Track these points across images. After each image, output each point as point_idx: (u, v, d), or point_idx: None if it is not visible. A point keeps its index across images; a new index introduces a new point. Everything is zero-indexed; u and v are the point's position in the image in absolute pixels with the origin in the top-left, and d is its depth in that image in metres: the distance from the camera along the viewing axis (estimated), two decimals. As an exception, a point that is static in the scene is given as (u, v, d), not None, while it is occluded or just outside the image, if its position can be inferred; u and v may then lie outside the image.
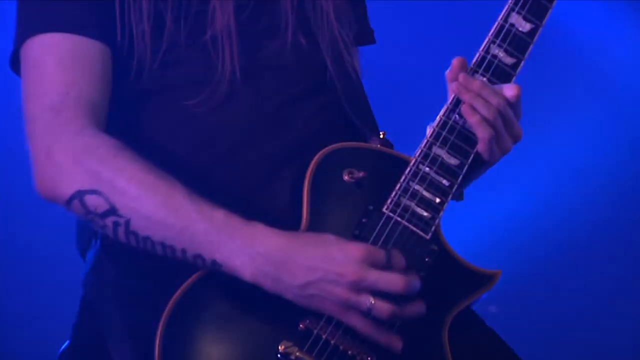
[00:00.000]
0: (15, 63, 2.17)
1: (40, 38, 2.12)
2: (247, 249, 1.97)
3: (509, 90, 2.11)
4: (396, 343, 2.04)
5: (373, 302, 1.98)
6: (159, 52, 2.15)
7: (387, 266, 2.00)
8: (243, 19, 2.20)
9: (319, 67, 2.26)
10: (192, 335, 2.00)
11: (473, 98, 2.09)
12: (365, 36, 2.46)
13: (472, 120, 2.10)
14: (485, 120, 2.09)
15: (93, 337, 2.12)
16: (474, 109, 2.09)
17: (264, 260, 1.97)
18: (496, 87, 2.12)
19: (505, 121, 2.11)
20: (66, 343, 2.21)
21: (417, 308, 2.04)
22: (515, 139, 2.14)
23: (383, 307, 1.99)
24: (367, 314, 1.99)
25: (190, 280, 2.02)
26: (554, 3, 2.17)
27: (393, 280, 1.99)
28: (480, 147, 2.12)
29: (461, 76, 2.10)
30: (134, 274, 2.12)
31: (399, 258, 2.02)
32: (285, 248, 1.97)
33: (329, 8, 2.28)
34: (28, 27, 2.13)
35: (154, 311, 2.00)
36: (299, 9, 2.25)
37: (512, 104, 2.11)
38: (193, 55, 2.17)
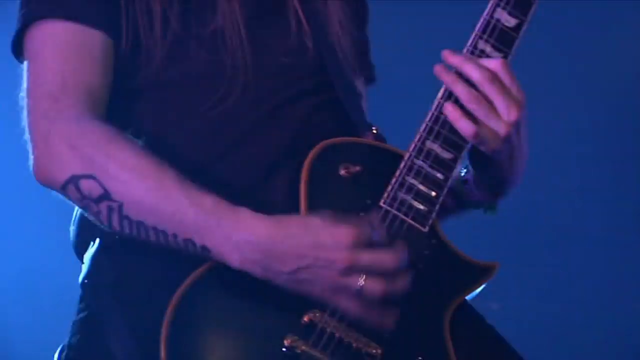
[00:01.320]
0: (16, 48, 2.20)
1: (42, 26, 2.14)
2: (233, 236, 1.98)
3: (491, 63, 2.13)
4: (387, 322, 2.04)
5: (363, 282, 1.99)
6: (164, 46, 2.17)
7: (373, 242, 2.00)
8: (247, 13, 2.23)
9: (319, 66, 2.29)
10: (196, 332, 2.00)
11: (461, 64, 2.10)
12: (366, 72, 2.48)
13: (453, 116, 2.11)
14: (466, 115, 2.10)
15: (92, 337, 2.13)
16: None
17: (250, 248, 1.98)
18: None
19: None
20: (64, 342, 2.21)
21: (405, 281, 2.03)
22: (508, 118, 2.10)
23: (374, 286, 1.99)
24: (358, 294, 1.99)
25: (192, 277, 2.02)
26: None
27: (385, 259, 2.00)
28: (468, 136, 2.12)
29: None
30: (133, 274, 2.13)
31: (381, 231, 2.04)
32: (272, 235, 1.98)
33: (332, 10, 2.33)
34: (31, 12, 2.15)
35: (155, 310, 2.00)
36: (302, 9, 2.28)
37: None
38: (198, 50, 2.19)
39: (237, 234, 1.98)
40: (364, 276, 1.98)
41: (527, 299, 4.52)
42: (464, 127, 2.09)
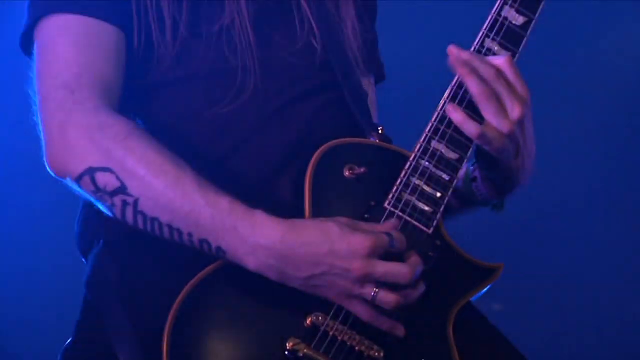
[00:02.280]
0: (25, 43, 2.18)
1: (54, 19, 2.13)
2: (249, 240, 1.97)
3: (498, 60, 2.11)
4: (399, 329, 2.04)
5: (377, 291, 1.99)
6: (174, 48, 2.16)
7: (390, 251, 2.00)
8: (255, 12, 2.23)
9: (326, 66, 2.28)
10: (199, 333, 1.99)
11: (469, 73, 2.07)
12: (375, 71, 2.47)
13: (456, 118, 2.09)
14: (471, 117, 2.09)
15: (96, 336, 2.12)
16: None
17: (266, 253, 1.97)
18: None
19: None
20: (69, 340, 2.21)
21: (418, 292, 2.04)
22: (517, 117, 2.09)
23: (387, 297, 1.99)
24: (372, 302, 1.99)
25: (196, 278, 2.01)
26: None
27: (400, 272, 1.99)
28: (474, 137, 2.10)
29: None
30: (137, 274, 2.12)
31: (401, 241, 2.02)
32: (287, 240, 1.97)
33: (344, 9, 2.33)
34: (43, 7, 2.14)
35: (158, 310, 1.99)
36: (311, 9, 2.27)
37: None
38: (206, 49, 2.19)
39: (253, 238, 1.97)
40: (377, 289, 1.98)
41: (528, 300, 4.52)
42: (469, 127, 2.08)
